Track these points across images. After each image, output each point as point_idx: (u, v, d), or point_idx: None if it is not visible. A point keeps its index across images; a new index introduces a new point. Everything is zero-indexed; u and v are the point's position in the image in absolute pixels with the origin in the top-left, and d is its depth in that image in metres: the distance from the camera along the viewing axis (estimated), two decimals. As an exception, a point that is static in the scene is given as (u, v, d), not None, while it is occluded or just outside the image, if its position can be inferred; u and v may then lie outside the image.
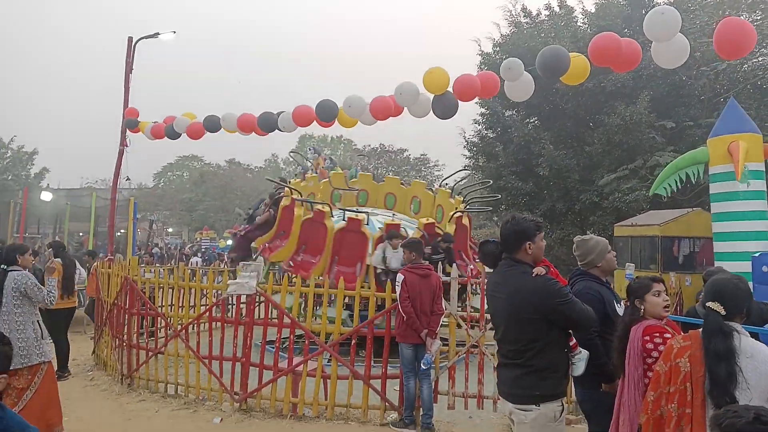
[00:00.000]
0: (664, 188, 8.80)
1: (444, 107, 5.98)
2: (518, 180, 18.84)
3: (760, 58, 17.71)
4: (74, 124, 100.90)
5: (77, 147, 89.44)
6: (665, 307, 3.26)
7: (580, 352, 3.32)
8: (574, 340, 3.29)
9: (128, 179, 10.07)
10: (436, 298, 5.76)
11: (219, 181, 51.91)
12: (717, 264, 8.00)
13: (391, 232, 8.00)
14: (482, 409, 6.05)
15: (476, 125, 21.02)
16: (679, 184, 8.93)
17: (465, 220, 9.82)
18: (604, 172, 17.46)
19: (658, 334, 3.15)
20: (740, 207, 7.95)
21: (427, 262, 6.15)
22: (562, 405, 3.13)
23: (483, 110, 20.55)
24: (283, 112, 7.16)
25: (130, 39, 9.99)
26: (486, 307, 8.87)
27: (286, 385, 6.12)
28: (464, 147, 21.66)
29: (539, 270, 3.13)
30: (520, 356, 3.09)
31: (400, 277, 5.72)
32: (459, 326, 6.13)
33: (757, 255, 7.21)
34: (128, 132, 9.34)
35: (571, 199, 18.59)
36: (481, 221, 27.86)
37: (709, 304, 2.49)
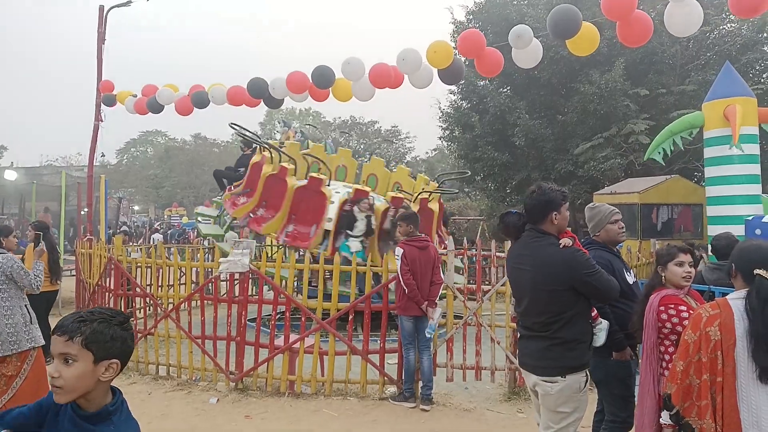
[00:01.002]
0: (659, 152, 8.81)
1: (451, 74, 5.84)
2: (494, 150, 18.85)
3: (728, 25, 17.91)
4: (31, 100, 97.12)
5: (36, 124, 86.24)
6: (685, 277, 3.26)
7: (601, 322, 3.31)
8: (595, 311, 3.28)
9: (103, 155, 9.69)
10: (435, 269, 5.72)
11: (185, 157, 50.80)
12: (711, 228, 8.10)
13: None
14: (480, 380, 6.08)
15: (452, 95, 20.90)
16: (672, 148, 8.95)
17: (434, 205, 9.54)
18: (579, 141, 17.58)
19: (673, 306, 3.14)
20: (734, 171, 7.99)
21: (423, 234, 6.09)
22: (586, 375, 3.13)
23: (458, 80, 20.39)
24: (275, 78, 6.90)
25: (101, 7, 9.48)
26: (496, 278, 8.85)
27: (283, 362, 6.04)
28: (439, 118, 21.55)
29: (566, 241, 3.09)
30: (547, 328, 3.06)
31: (399, 250, 5.65)
32: (455, 298, 6.10)
33: (750, 218, 7.34)
34: (103, 106, 8.94)
35: (546, 168, 18.71)
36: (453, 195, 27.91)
37: (759, 271, 2.46)
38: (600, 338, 3.28)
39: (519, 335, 3.32)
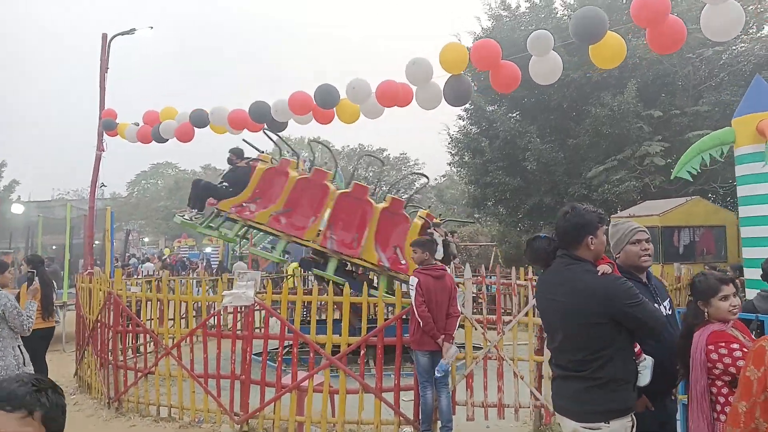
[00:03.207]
0: (688, 171, 8.35)
1: (458, 91, 5.51)
2: (505, 175, 18.55)
3: (740, 45, 17.64)
4: (45, 135, 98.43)
5: (48, 158, 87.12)
6: (731, 311, 2.87)
7: (645, 359, 2.93)
8: (638, 346, 2.90)
9: (103, 186, 9.43)
10: (451, 300, 5.35)
11: (195, 188, 50.81)
12: (747, 251, 7.61)
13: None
14: (503, 418, 5.64)
15: (460, 121, 20.73)
16: (699, 167, 8.49)
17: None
18: (592, 164, 17.27)
19: (724, 344, 2.75)
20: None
21: (438, 262, 5.74)
22: (632, 420, 2.73)
23: (467, 105, 20.23)
24: (277, 100, 6.65)
25: (104, 36, 9.38)
26: (517, 308, 8.49)
27: (291, 402, 5.65)
28: (448, 144, 21.32)
29: (605, 268, 2.74)
30: (585, 367, 2.69)
31: (413, 279, 5.30)
32: (475, 329, 5.71)
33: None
34: (105, 136, 8.75)
35: (559, 192, 18.37)
36: (463, 217, 27.51)
37: None
38: (645, 377, 2.89)
39: (553, 375, 2.93)
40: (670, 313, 3.14)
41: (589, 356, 2.68)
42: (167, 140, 7.75)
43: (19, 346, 4.79)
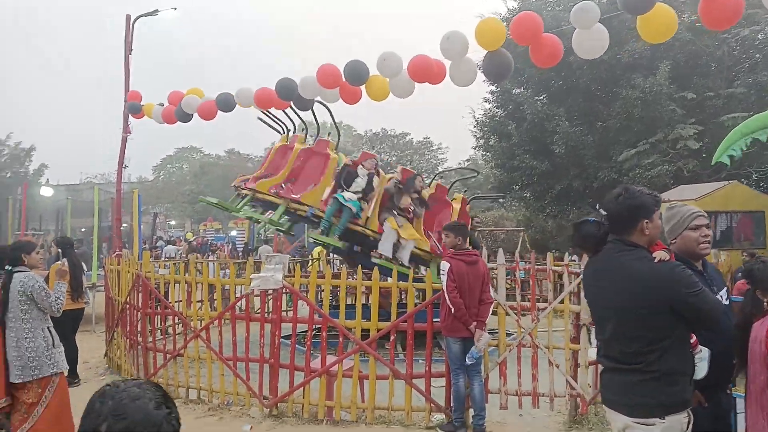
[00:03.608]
0: (729, 155, 8.00)
1: (499, 66, 5.29)
2: (532, 159, 18.20)
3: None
4: (73, 119, 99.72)
5: (76, 142, 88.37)
6: None
7: (701, 350, 2.76)
8: (694, 337, 2.73)
9: (126, 167, 9.42)
10: (484, 286, 5.21)
11: (220, 172, 51.18)
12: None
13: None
14: (537, 407, 5.50)
15: (486, 104, 20.38)
16: (742, 150, 8.12)
17: (456, 204, 9.13)
18: (622, 148, 16.85)
19: None
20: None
21: (472, 247, 5.59)
22: (689, 415, 2.58)
23: (492, 88, 19.88)
24: (304, 76, 6.53)
25: (128, 17, 9.31)
26: (553, 295, 8.29)
27: (320, 386, 5.59)
28: (474, 127, 21.00)
29: (662, 254, 2.56)
30: (640, 359, 2.53)
31: (445, 265, 5.16)
32: (508, 315, 5.57)
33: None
34: (131, 118, 8.73)
35: (588, 176, 17.99)
36: (487, 203, 27.19)
37: None
38: (702, 369, 2.73)
39: (602, 369, 2.78)
40: (727, 303, 2.96)
41: (644, 348, 2.52)
42: (190, 118, 7.66)
43: (48, 328, 4.77)
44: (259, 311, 6.32)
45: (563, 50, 5.31)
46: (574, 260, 5.97)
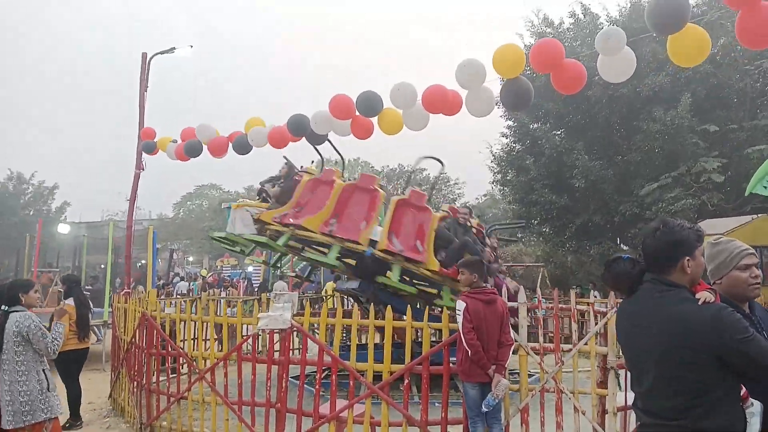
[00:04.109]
0: (765, 186, 7.57)
1: (517, 95, 5.09)
2: (551, 193, 17.90)
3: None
4: (94, 158, 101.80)
5: (98, 180, 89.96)
6: None
7: (753, 404, 2.43)
8: (744, 389, 2.40)
9: (137, 207, 9.31)
10: (503, 327, 4.88)
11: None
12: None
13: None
14: (562, 457, 5.10)
15: (503, 138, 20.23)
16: None
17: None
18: (644, 182, 16.52)
19: None
20: None
21: (489, 285, 5.29)
22: (741, 480, 2.24)
23: (510, 123, 19.77)
24: (316, 111, 6.38)
25: (144, 55, 9.37)
26: (578, 335, 7.86)
27: (330, 433, 5.25)
28: (491, 161, 20.81)
29: (707, 296, 2.27)
30: (683, 415, 2.21)
31: (461, 304, 4.86)
32: (530, 356, 5.21)
33: None
34: (144, 155, 8.67)
35: (609, 211, 17.62)
36: (505, 235, 26.73)
37: None
38: (755, 426, 2.39)
39: (640, 423, 2.45)
40: None
41: (688, 402, 2.21)
42: (199, 152, 7.53)
43: (44, 370, 4.55)
44: (267, 352, 6.01)
45: (586, 75, 5.08)
46: (596, 296, 5.62)
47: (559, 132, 19.23)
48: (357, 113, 6.07)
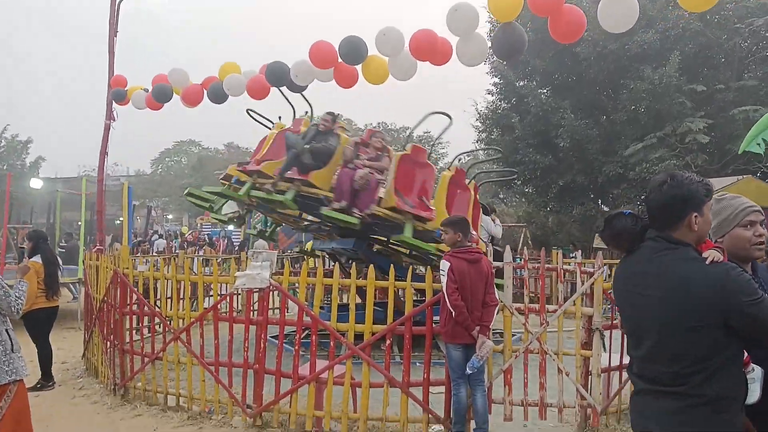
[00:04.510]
0: (758, 144, 7.39)
1: (511, 41, 4.78)
2: (536, 153, 17.70)
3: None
4: (71, 111, 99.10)
5: (74, 135, 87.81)
6: None
7: (754, 369, 2.29)
8: (746, 354, 2.26)
9: (116, 165, 8.92)
10: (488, 287, 4.74)
11: (218, 166, 50.61)
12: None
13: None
14: (545, 419, 5.04)
15: (489, 96, 19.89)
16: None
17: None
18: (628, 142, 16.38)
19: None
20: None
21: (475, 245, 5.12)
22: (742, 448, 2.11)
23: (496, 80, 19.39)
24: (297, 61, 6.01)
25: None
26: (563, 295, 7.80)
27: (309, 395, 5.12)
28: (476, 120, 20.50)
29: (715, 254, 2.09)
30: (683, 381, 2.06)
31: (445, 264, 4.69)
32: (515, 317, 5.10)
33: None
34: (115, 105, 8.25)
35: (592, 171, 17.52)
36: (487, 198, 26.70)
37: None
38: (755, 392, 2.26)
39: (635, 389, 2.31)
40: None
41: (689, 367, 2.05)
42: (171, 96, 7.10)
43: (7, 330, 4.31)
44: (244, 312, 5.83)
45: (585, 24, 4.77)
46: (574, 257, 5.48)
47: (545, 90, 18.92)
48: (340, 60, 5.72)
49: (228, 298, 5.60)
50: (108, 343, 6.35)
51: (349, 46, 5.56)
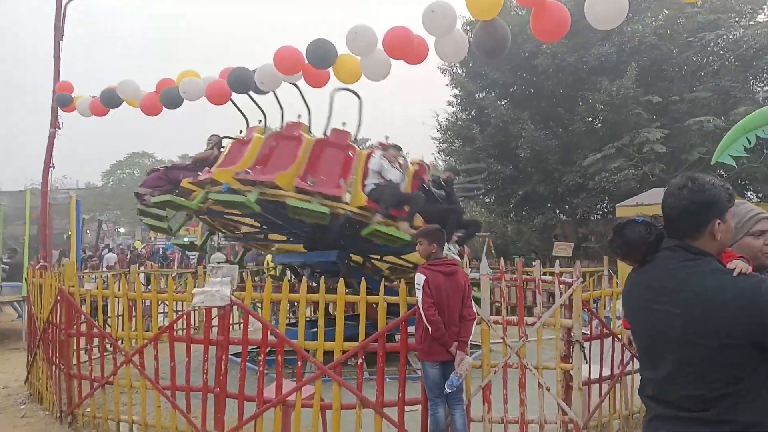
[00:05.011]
0: (731, 156, 7.41)
1: (494, 39, 4.58)
2: (497, 163, 17.75)
3: (740, 30, 17.01)
4: (16, 120, 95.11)
5: (20, 146, 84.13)
6: None
7: None
8: None
9: (53, 166, 8.29)
10: (465, 301, 4.50)
11: (172, 179, 49.37)
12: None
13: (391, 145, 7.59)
14: (525, 436, 4.82)
15: (450, 107, 19.91)
16: (744, 148, 7.53)
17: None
18: (587, 152, 16.58)
19: None
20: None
21: (448, 256, 4.89)
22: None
23: (456, 92, 19.43)
24: (262, 65, 5.67)
25: (58, 0, 8.30)
26: (541, 308, 7.51)
27: (275, 419, 4.77)
28: (437, 131, 20.48)
29: (741, 265, 1.89)
30: (708, 405, 1.85)
31: (420, 277, 4.43)
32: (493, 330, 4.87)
33: None
34: (60, 113, 7.71)
35: (552, 181, 17.67)
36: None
37: None
38: None
39: (650, 414, 2.08)
40: None
41: (715, 391, 1.84)
42: (121, 103, 6.67)
43: None
44: (203, 331, 5.44)
45: (569, 22, 4.60)
46: (534, 265, 5.30)
47: (505, 102, 19.05)
48: (307, 63, 5.42)
49: (185, 316, 5.19)
50: (53, 366, 5.84)
51: (316, 51, 5.28)
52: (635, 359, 5.61)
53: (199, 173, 7.50)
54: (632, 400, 5.72)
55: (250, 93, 6.69)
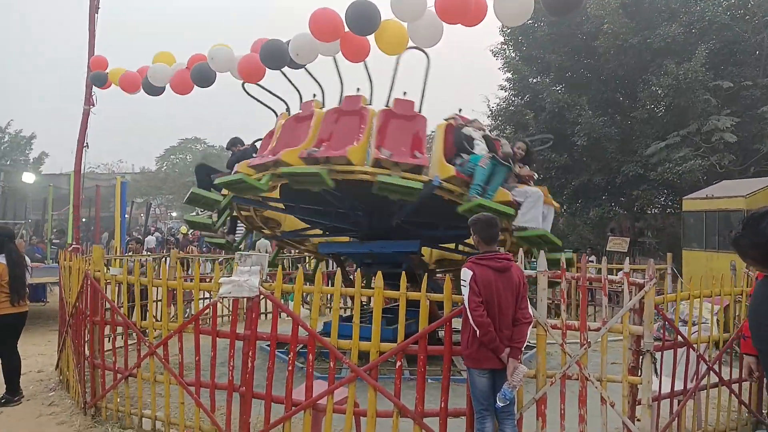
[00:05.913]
0: None
1: None
2: (551, 151, 16.84)
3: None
4: (75, 107, 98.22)
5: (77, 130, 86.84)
6: None
7: None
8: None
9: (87, 146, 8.06)
10: (520, 300, 3.94)
11: (222, 164, 50.02)
12: None
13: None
14: (585, 457, 4.24)
15: (502, 92, 19.09)
16: None
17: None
18: (649, 141, 15.55)
19: None
20: None
21: (502, 249, 4.33)
22: None
23: (509, 75, 18.60)
24: (297, 35, 5.19)
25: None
26: (607, 311, 6.83)
27: (305, 423, 4.34)
28: (488, 116, 19.68)
29: None
30: None
31: (466, 273, 3.89)
32: (551, 336, 4.29)
33: None
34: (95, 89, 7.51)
35: (610, 171, 16.68)
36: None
37: None
38: None
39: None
40: None
41: None
42: (161, 89, 6.37)
43: None
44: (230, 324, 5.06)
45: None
46: (591, 261, 4.67)
47: (560, 86, 18.10)
48: (347, 30, 4.88)
49: (212, 307, 4.82)
50: (78, 355, 5.59)
51: (357, 13, 4.73)
52: (711, 372, 4.94)
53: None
54: (706, 419, 5.05)
55: (284, 71, 6.20)
